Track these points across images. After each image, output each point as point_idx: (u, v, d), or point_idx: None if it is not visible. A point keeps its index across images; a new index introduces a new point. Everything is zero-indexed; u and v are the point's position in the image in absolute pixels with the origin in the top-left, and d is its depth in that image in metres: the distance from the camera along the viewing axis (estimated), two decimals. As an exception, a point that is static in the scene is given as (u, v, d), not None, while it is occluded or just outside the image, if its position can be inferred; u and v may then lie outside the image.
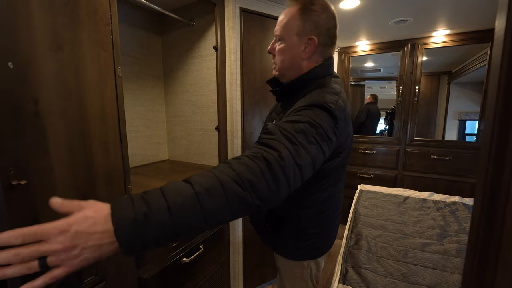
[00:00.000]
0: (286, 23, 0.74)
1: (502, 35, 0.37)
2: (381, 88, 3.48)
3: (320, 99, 0.65)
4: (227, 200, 0.44)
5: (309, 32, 0.72)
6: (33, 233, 0.37)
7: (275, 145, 0.52)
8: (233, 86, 1.54)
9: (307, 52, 0.74)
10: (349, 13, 1.85)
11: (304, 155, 0.54)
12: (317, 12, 0.72)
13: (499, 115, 0.38)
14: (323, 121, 0.61)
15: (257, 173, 0.47)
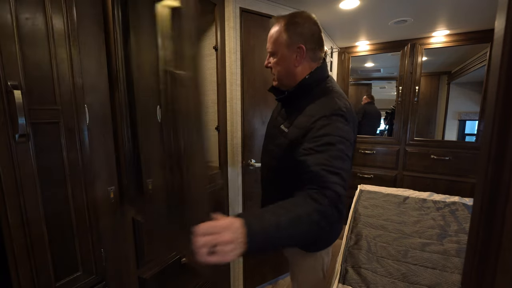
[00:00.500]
0: (276, 39, 0.84)
1: (502, 35, 0.37)
2: (381, 88, 3.49)
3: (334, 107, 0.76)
4: (317, 230, 0.62)
5: (296, 42, 0.82)
6: (214, 226, 0.50)
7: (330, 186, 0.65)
8: (233, 86, 1.54)
9: (298, 59, 0.84)
10: (349, 13, 1.85)
11: (346, 175, 0.68)
12: (300, 24, 0.81)
13: (499, 115, 0.39)
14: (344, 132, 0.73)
15: (329, 214, 0.63)
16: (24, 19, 0.61)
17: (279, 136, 0.89)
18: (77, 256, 0.77)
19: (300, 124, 0.80)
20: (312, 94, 0.83)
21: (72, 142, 0.72)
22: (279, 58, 0.85)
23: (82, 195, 0.76)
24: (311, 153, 0.71)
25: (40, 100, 0.66)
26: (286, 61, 0.84)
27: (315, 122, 0.75)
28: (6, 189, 0.60)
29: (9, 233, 0.61)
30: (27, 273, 0.65)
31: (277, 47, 0.84)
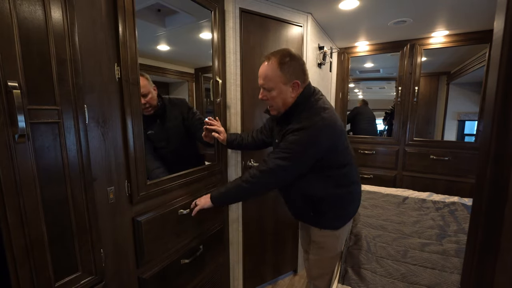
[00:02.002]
0: (272, 77, 0.99)
1: (501, 36, 0.37)
2: (381, 88, 3.49)
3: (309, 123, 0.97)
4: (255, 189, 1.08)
5: (291, 78, 1.00)
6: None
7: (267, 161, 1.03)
8: (232, 86, 1.54)
9: (294, 92, 1.02)
10: (348, 14, 1.85)
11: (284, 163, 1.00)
12: (291, 62, 0.99)
13: (498, 115, 0.39)
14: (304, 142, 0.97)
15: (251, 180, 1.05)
16: (24, 18, 0.61)
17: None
18: (77, 256, 0.77)
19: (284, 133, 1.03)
20: (299, 110, 1.03)
21: (71, 142, 0.72)
22: (277, 93, 1.01)
23: (82, 195, 0.76)
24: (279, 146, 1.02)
25: (40, 100, 0.66)
26: (282, 95, 1.01)
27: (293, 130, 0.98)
28: (5, 189, 0.60)
29: (8, 233, 0.61)
30: (26, 273, 0.65)
31: (273, 84, 1.00)
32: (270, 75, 0.99)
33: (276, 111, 1.08)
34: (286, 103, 1.04)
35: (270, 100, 1.04)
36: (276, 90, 1.01)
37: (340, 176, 1.09)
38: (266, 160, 1.03)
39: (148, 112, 1.29)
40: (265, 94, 1.05)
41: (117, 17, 0.88)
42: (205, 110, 1.77)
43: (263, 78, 1.02)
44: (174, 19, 1.47)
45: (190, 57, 1.80)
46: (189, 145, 1.50)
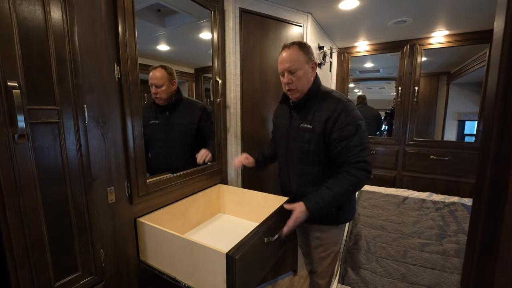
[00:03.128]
0: (297, 59, 1.08)
1: (501, 35, 0.37)
2: (381, 88, 3.49)
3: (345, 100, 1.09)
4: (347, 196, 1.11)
5: (311, 59, 1.12)
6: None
7: (364, 159, 1.05)
8: (232, 86, 1.54)
9: (313, 71, 1.14)
10: (348, 14, 1.85)
11: (369, 144, 1.08)
12: (308, 47, 1.12)
13: (498, 115, 0.39)
14: (359, 116, 1.08)
15: (361, 181, 1.07)
16: (23, 17, 0.61)
17: (304, 133, 1.12)
18: (77, 256, 0.77)
19: (322, 118, 1.07)
20: (318, 96, 1.13)
21: (71, 142, 0.72)
22: (303, 72, 1.09)
23: (82, 196, 0.76)
24: (345, 138, 1.04)
25: (40, 100, 0.66)
26: (307, 74, 1.11)
27: (339, 115, 1.05)
28: (5, 189, 0.60)
29: (8, 234, 0.61)
30: (26, 274, 0.65)
31: (299, 65, 1.08)
32: (295, 58, 1.08)
33: (299, 93, 1.12)
34: (309, 82, 1.12)
35: (296, 81, 1.10)
36: (302, 70, 1.09)
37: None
38: (358, 158, 1.03)
39: (158, 101, 1.32)
40: (290, 78, 1.10)
41: (117, 17, 0.88)
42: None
43: (289, 60, 1.08)
44: (174, 19, 1.47)
45: (190, 57, 1.80)
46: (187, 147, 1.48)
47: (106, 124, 0.88)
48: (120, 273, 0.99)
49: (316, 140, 1.09)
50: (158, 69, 1.29)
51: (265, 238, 0.95)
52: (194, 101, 1.51)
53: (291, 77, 1.10)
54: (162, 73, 1.29)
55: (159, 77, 1.28)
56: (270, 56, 1.67)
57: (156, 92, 1.28)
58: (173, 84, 1.35)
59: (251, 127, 1.66)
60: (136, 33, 0.95)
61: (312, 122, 1.10)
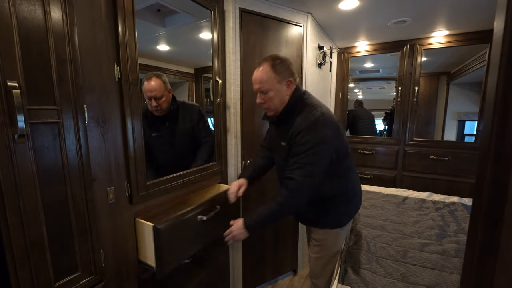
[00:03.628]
0: (267, 79, 1.04)
1: (501, 35, 0.37)
2: (380, 88, 3.49)
3: (311, 118, 1.00)
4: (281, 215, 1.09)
5: (285, 77, 1.06)
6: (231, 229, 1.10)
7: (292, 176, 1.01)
8: (232, 86, 1.54)
9: (288, 90, 1.08)
10: (348, 14, 1.85)
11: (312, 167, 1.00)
12: (282, 63, 1.05)
13: (498, 115, 0.39)
14: (317, 136, 0.99)
15: (286, 202, 1.05)
16: (23, 17, 0.61)
17: (283, 151, 1.11)
18: (77, 256, 0.77)
19: (292, 133, 1.04)
20: (296, 110, 1.07)
21: (71, 142, 0.72)
22: (274, 93, 1.05)
23: (82, 195, 0.76)
24: (296, 155, 1.01)
25: (40, 100, 0.66)
26: (279, 94, 1.06)
27: (300, 132, 1.00)
28: (5, 189, 0.60)
29: (8, 234, 0.61)
30: (26, 274, 0.65)
31: (270, 85, 1.04)
32: (265, 78, 1.04)
33: (273, 111, 1.11)
34: (283, 102, 1.08)
35: (268, 102, 1.08)
36: (273, 90, 1.05)
37: (343, 170, 1.14)
38: (290, 175, 1.01)
39: (159, 113, 1.27)
40: (262, 98, 1.08)
41: (116, 17, 0.88)
42: (205, 110, 1.77)
43: (259, 82, 1.06)
44: (174, 19, 1.47)
45: (190, 57, 1.80)
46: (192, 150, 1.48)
47: (106, 124, 0.88)
48: (120, 273, 0.99)
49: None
50: (153, 79, 1.21)
51: (198, 217, 1.13)
52: (190, 104, 1.48)
53: (263, 97, 1.07)
54: (159, 83, 1.21)
55: (157, 88, 1.20)
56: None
57: (157, 105, 1.22)
58: (169, 92, 1.30)
59: (251, 127, 1.66)
60: (136, 33, 0.95)
61: (287, 139, 1.08)
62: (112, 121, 0.91)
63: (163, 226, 0.98)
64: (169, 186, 1.17)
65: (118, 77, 0.91)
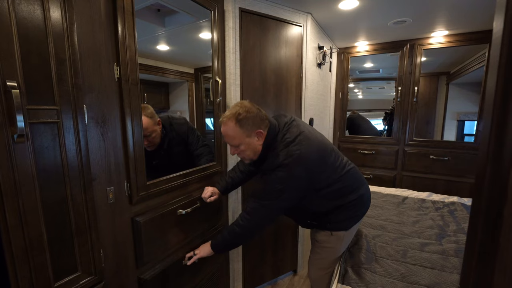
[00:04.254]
0: (235, 136, 1.04)
1: (500, 36, 0.37)
2: (380, 88, 3.49)
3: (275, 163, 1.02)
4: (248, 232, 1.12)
5: (253, 129, 1.04)
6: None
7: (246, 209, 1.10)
8: (232, 86, 1.54)
9: (260, 140, 1.07)
10: (348, 14, 1.85)
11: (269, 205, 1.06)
12: (246, 116, 1.02)
13: (497, 115, 0.39)
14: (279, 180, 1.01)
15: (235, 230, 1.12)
16: (23, 17, 0.61)
17: None
18: (76, 256, 0.77)
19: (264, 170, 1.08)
20: (268, 154, 1.07)
21: (71, 142, 0.72)
22: (245, 146, 1.06)
23: (81, 196, 0.76)
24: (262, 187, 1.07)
25: (39, 100, 0.65)
26: (251, 146, 1.06)
27: (269, 169, 1.03)
28: (4, 189, 0.60)
29: (7, 234, 0.61)
30: (25, 274, 0.65)
31: (239, 140, 1.04)
32: (232, 135, 1.04)
33: (249, 160, 1.14)
34: (257, 151, 1.09)
35: (241, 153, 1.10)
36: (243, 144, 1.06)
37: (336, 190, 1.12)
38: (252, 202, 1.08)
39: (151, 149, 1.28)
40: (234, 150, 1.10)
41: (116, 17, 0.88)
42: (205, 110, 1.77)
43: (227, 137, 1.07)
44: (173, 19, 1.47)
45: (189, 57, 1.80)
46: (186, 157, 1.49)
47: (106, 124, 0.88)
48: (120, 274, 0.99)
49: None
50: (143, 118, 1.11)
51: (178, 211, 1.18)
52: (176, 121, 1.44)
53: (235, 149, 1.09)
54: (146, 121, 1.14)
55: (146, 127, 1.13)
56: (270, 56, 1.67)
57: (148, 142, 1.20)
58: (158, 124, 1.29)
59: (251, 127, 1.66)
60: (136, 33, 0.95)
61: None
62: (112, 121, 0.91)
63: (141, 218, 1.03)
64: (169, 186, 1.16)
65: (117, 77, 0.91)
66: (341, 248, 1.23)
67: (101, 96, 0.86)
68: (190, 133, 1.47)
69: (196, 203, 1.28)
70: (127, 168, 0.97)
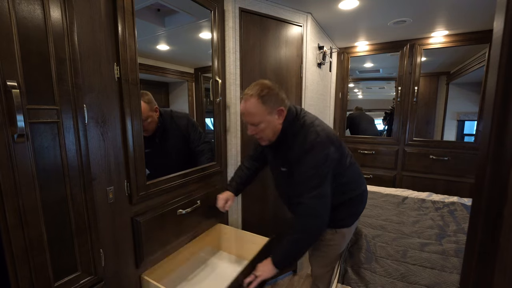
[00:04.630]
0: (256, 113, 1.01)
1: (500, 35, 0.37)
2: (380, 88, 3.49)
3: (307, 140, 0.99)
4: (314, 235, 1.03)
5: (275, 107, 1.02)
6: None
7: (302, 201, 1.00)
8: (232, 86, 1.54)
9: (280, 119, 1.04)
10: (348, 14, 1.85)
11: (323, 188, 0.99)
12: (269, 93, 1.00)
13: (498, 115, 0.39)
14: (318, 156, 0.98)
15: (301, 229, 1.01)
16: (23, 17, 0.61)
17: (283, 176, 1.12)
18: (76, 256, 0.77)
19: (291, 159, 1.04)
20: (290, 136, 1.04)
21: (71, 142, 0.72)
22: (266, 125, 1.02)
23: (81, 195, 0.76)
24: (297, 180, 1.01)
25: (39, 100, 0.65)
26: (271, 125, 1.03)
27: (299, 157, 1.00)
28: (4, 189, 0.60)
29: (7, 234, 0.61)
30: (25, 273, 0.65)
31: (260, 118, 1.01)
32: (254, 111, 1.00)
33: (267, 141, 1.08)
34: (276, 131, 1.05)
35: (260, 133, 1.05)
36: (264, 122, 1.02)
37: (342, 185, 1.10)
38: (302, 202, 0.99)
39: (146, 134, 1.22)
40: (253, 129, 1.05)
41: (116, 17, 0.88)
42: (205, 110, 1.77)
43: (248, 115, 1.02)
44: (173, 18, 1.47)
45: (189, 57, 1.80)
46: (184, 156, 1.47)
47: (106, 124, 0.88)
48: (119, 273, 0.99)
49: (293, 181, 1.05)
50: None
51: (178, 211, 1.17)
52: (177, 114, 1.45)
53: (254, 129, 1.05)
54: (143, 105, 1.18)
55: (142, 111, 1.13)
56: (270, 56, 1.67)
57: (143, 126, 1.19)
58: (155, 110, 1.29)
59: (251, 127, 1.66)
60: (136, 32, 0.95)
61: (287, 164, 1.07)
62: (112, 121, 0.91)
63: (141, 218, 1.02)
64: (169, 186, 1.17)
65: (117, 77, 0.91)
66: (343, 245, 1.23)
67: (101, 96, 0.86)
68: (191, 129, 1.46)
69: (196, 203, 1.28)
70: (127, 168, 0.97)
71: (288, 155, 1.05)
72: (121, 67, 0.91)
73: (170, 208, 1.16)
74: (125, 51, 0.92)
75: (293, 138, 1.03)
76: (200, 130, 1.51)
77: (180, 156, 1.45)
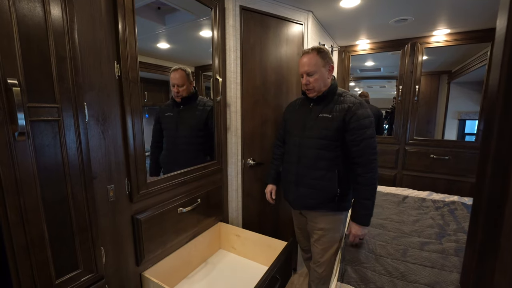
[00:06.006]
0: (315, 63, 1.24)
1: (503, 34, 0.37)
2: (381, 87, 3.47)
3: (359, 98, 1.24)
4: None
5: (328, 63, 1.26)
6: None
7: (371, 161, 1.24)
8: (233, 84, 1.54)
9: (330, 74, 1.28)
10: (349, 12, 1.84)
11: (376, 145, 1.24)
12: (325, 52, 1.26)
13: (499, 115, 0.38)
14: (370, 114, 1.22)
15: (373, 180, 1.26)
16: (23, 15, 0.61)
17: (322, 122, 1.26)
18: (77, 254, 0.77)
19: (343, 109, 1.22)
20: (335, 94, 1.28)
21: (71, 140, 0.72)
22: (319, 75, 1.24)
23: (82, 193, 0.76)
24: (362, 128, 1.19)
25: (40, 98, 0.65)
26: (323, 76, 1.25)
27: (357, 109, 1.19)
28: (5, 187, 0.60)
29: (9, 232, 0.61)
30: (27, 271, 0.65)
31: (316, 68, 1.23)
32: (313, 62, 1.23)
33: (316, 92, 1.27)
34: (326, 84, 1.27)
35: (313, 82, 1.24)
36: (318, 73, 1.24)
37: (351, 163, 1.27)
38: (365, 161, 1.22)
39: (178, 99, 1.45)
40: (307, 79, 1.25)
41: (116, 15, 0.88)
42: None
43: (307, 65, 1.24)
44: (174, 17, 1.46)
45: (190, 55, 1.79)
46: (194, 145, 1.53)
47: (106, 122, 0.88)
48: (120, 271, 0.99)
49: (336, 126, 1.21)
50: (178, 70, 1.44)
51: (179, 209, 1.21)
52: (206, 101, 1.58)
53: (309, 79, 1.25)
54: (182, 74, 1.43)
55: (180, 77, 1.42)
56: (270, 54, 1.66)
57: (178, 91, 1.42)
58: (191, 83, 1.47)
59: (252, 125, 1.66)
60: (136, 31, 0.95)
61: (332, 112, 1.23)
62: (112, 119, 0.91)
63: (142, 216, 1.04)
64: (169, 184, 1.17)
65: (118, 75, 0.91)
66: (342, 228, 1.37)
67: (101, 94, 0.86)
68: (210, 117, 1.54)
69: (196, 201, 1.29)
70: (127, 166, 0.97)
71: (335, 108, 1.23)
72: (121, 65, 0.91)
73: (170, 206, 1.16)
74: (125, 49, 0.91)
75: (339, 96, 1.26)
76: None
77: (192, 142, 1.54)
